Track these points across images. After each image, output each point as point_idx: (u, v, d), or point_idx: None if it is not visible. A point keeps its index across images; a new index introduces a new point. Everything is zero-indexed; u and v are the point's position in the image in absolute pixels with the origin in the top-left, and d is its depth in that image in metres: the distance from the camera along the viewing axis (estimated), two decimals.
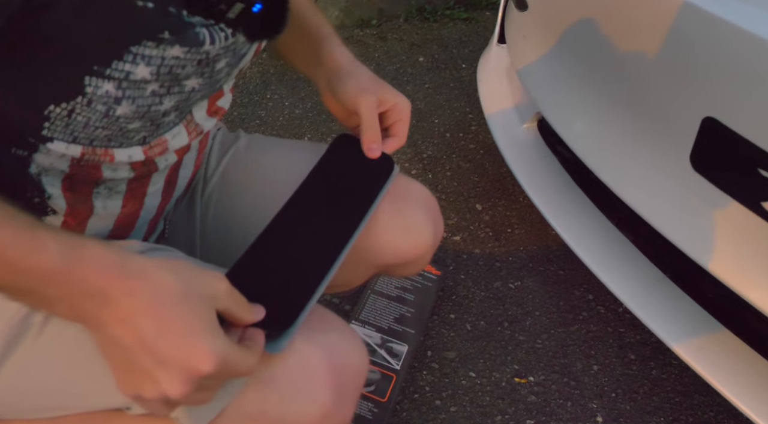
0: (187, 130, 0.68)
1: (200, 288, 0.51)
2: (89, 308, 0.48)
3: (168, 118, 0.62)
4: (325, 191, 0.75)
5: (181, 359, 0.48)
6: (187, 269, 0.52)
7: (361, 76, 0.78)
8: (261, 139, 0.88)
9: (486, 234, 1.48)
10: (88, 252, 0.49)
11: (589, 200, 1.16)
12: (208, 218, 0.83)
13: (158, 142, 0.65)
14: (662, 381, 1.18)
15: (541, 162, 1.26)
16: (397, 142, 0.81)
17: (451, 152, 1.72)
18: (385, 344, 1.16)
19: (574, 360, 1.22)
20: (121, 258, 0.50)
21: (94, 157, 0.61)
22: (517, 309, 1.31)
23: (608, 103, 1.01)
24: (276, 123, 1.81)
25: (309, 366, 0.58)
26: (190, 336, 0.49)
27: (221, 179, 0.84)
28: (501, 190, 1.60)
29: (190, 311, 0.50)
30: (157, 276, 0.50)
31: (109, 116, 0.57)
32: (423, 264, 0.84)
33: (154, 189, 0.71)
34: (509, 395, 1.15)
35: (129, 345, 0.49)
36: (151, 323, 0.48)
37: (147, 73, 0.54)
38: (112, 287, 0.48)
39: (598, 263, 1.09)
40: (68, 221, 0.66)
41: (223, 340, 0.50)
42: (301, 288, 0.62)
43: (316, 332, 0.61)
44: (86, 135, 0.58)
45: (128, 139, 0.61)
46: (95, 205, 0.66)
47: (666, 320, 0.96)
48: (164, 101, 0.59)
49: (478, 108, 1.88)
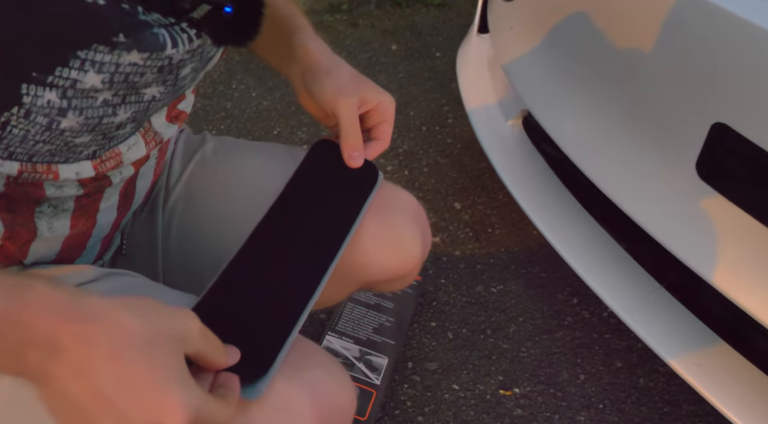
0: (144, 140, 0.60)
1: (167, 330, 0.44)
2: (35, 359, 0.40)
3: (123, 130, 0.54)
4: (303, 206, 0.67)
5: (148, 416, 0.41)
6: (151, 307, 0.44)
7: (339, 74, 0.70)
8: (230, 142, 0.79)
9: (466, 235, 1.42)
10: (33, 292, 0.41)
11: (578, 203, 1.10)
12: (172, 232, 0.75)
13: (111, 156, 0.56)
14: (650, 390, 1.14)
15: (526, 161, 1.20)
16: (381, 147, 0.73)
17: (427, 147, 1.65)
18: (364, 357, 1.09)
19: (560, 369, 1.16)
20: (72, 298, 0.42)
21: (35, 175, 0.52)
22: (500, 315, 1.25)
23: (604, 103, 0.95)
24: (243, 115, 1.72)
25: (291, 409, 0.51)
26: (158, 389, 0.41)
27: (186, 188, 0.75)
28: (480, 187, 1.54)
29: (157, 358, 0.42)
30: (116, 319, 0.42)
31: (51, 129, 0.48)
32: (410, 279, 0.78)
33: (107, 205, 0.63)
34: (494, 408, 1.10)
35: (84, 403, 0.41)
36: (110, 375, 0.41)
37: (98, 81, 0.46)
38: (62, 333, 0.40)
39: (589, 271, 1.04)
40: (6, 245, 0.57)
41: (195, 391, 0.43)
42: (280, 321, 0.55)
43: (298, 368, 0.53)
44: (24, 150, 0.49)
45: (75, 154, 0.53)
46: (39, 227, 0.58)
47: (662, 332, 0.91)
48: (118, 112, 0.50)
49: (454, 100, 1.81)
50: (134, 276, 0.63)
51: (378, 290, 0.81)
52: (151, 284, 0.63)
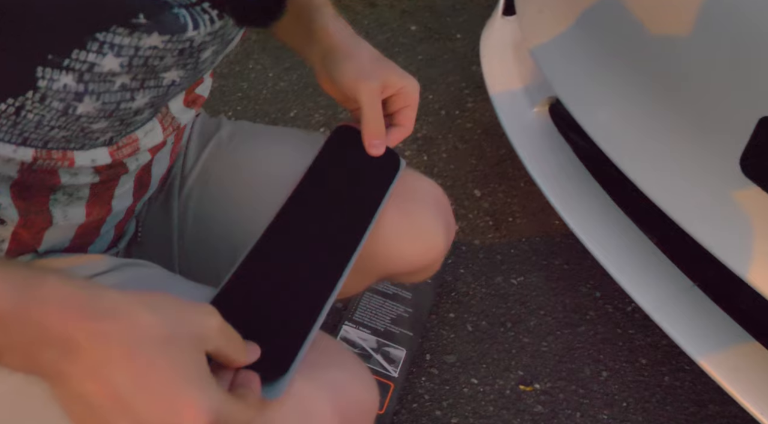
0: (162, 125, 0.57)
1: (187, 327, 0.41)
2: (49, 358, 0.38)
3: (140, 116, 0.51)
4: (323, 195, 0.64)
5: (167, 417, 0.39)
6: (169, 304, 0.42)
7: (361, 56, 0.67)
8: (246, 127, 0.76)
9: (486, 223, 1.38)
10: (47, 288, 0.38)
11: (606, 195, 1.06)
12: (188, 220, 0.72)
13: (128, 142, 0.54)
14: (675, 389, 1.11)
15: (552, 150, 1.16)
16: (403, 133, 0.70)
17: (446, 132, 1.61)
18: (381, 349, 1.06)
19: (582, 365, 1.13)
20: (87, 294, 0.39)
21: (50, 162, 0.49)
22: (521, 308, 1.22)
23: (640, 92, 0.91)
24: (259, 96, 1.68)
25: (311, 412, 0.49)
26: (176, 390, 0.39)
27: (201, 174, 0.72)
28: (500, 174, 1.50)
29: (175, 357, 0.40)
30: (132, 316, 0.40)
31: (67, 115, 0.45)
32: (433, 271, 0.74)
33: (122, 191, 0.60)
34: (514, 404, 1.07)
35: (100, 403, 0.38)
36: (126, 375, 0.38)
37: (116, 64, 0.43)
38: (77, 331, 0.38)
39: (615, 265, 1.00)
40: (20, 232, 0.54)
41: (215, 392, 0.40)
42: (301, 317, 0.52)
43: (319, 368, 0.51)
44: (39, 136, 0.47)
45: (91, 141, 0.50)
46: (54, 215, 0.55)
47: (693, 332, 0.87)
48: (137, 97, 0.47)
49: (474, 83, 1.76)
50: (150, 267, 0.60)
51: (399, 281, 0.78)
52: (167, 275, 0.60)
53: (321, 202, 0.64)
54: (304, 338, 0.50)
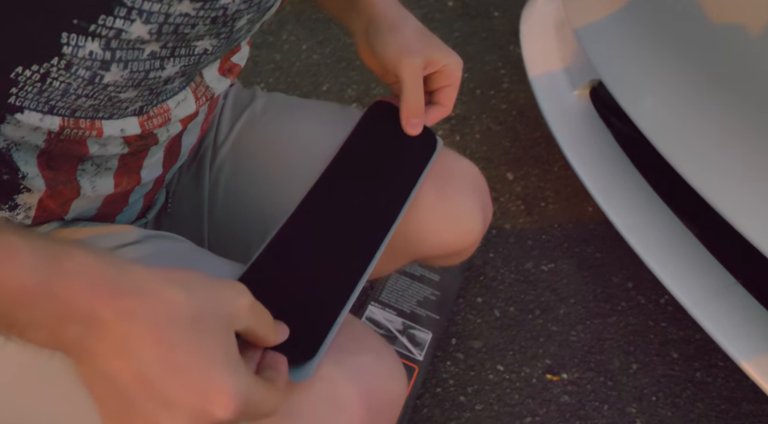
0: (195, 95, 0.55)
1: (217, 306, 0.39)
2: (74, 335, 0.36)
3: (171, 85, 0.49)
4: (357, 173, 0.62)
5: (194, 401, 0.37)
6: (198, 282, 0.40)
7: (405, 30, 0.64)
8: (281, 99, 0.74)
9: (517, 207, 1.35)
10: (73, 262, 0.37)
11: (646, 183, 1.02)
12: (218, 193, 0.70)
13: (158, 112, 0.52)
14: (707, 385, 1.08)
15: (591, 134, 1.12)
16: (442, 113, 0.68)
17: (481, 112, 1.57)
18: (407, 331, 1.05)
19: (611, 356, 1.11)
20: (114, 270, 0.38)
21: (77, 131, 0.48)
22: (551, 295, 1.19)
23: (690, 78, 0.86)
24: (292, 69, 1.66)
25: (338, 398, 0.47)
26: (205, 372, 0.37)
27: (234, 147, 0.71)
28: (534, 157, 1.46)
29: (204, 337, 0.38)
30: (160, 293, 0.38)
31: (94, 84, 0.43)
32: (467, 255, 0.72)
33: (152, 161, 0.58)
34: (540, 394, 1.05)
35: (125, 383, 0.37)
36: (154, 354, 0.37)
37: (145, 32, 0.41)
38: (103, 308, 0.36)
39: (653, 256, 0.97)
40: (46, 202, 0.53)
41: (245, 375, 0.39)
42: (331, 298, 0.50)
43: (347, 353, 0.49)
44: (66, 105, 0.45)
45: (120, 110, 0.48)
46: (82, 186, 0.54)
47: (736, 332, 0.84)
48: (166, 66, 0.45)
49: (511, 63, 1.72)
50: (178, 240, 0.59)
51: (432, 264, 0.76)
52: (196, 249, 0.59)
53: (354, 180, 0.62)
54: (333, 320, 0.49)
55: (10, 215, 0.52)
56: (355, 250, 0.55)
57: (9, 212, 0.52)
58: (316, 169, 0.62)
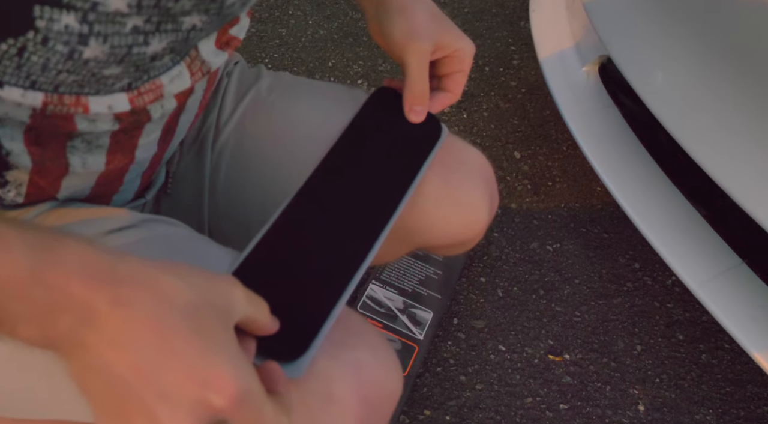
0: (189, 70, 0.53)
1: (213, 297, 0.38)
2: (67, 327, 0.35)
3: (159, 62, 0.47)
4: (357, 160, 0.61)
5: (193, 390, 0.35)
6: (192, 272, 0.39)
7: (416, 12, 0.62)
8: (287, 79, 0.72)
9: (524, 187, 1.33)
10: (66, 251, 0.35)
11: (654, 162, 1.00)
12: (220, 175, 0.69)
13: (150, 88, 0.50)
14: (712, 367, 1.07)
15: (599, 112, 1.10)
16: (449, 99, 0.65)
17: (489, 89, 1.55)
18: (408, 310, 1.04)
19: (615, 338, 1.09)
20: (108, 258, 0.36)
21: (62, 107, 0.46)
22: (555, 275, 1.18)
23: (701, 55, 0.84)
24: (298, 44, 1.64)
25: (332, 395, 0.46)
26: (204, 360, 0.36)
27: (237, 128, 0.69)
28: (543, 136, 1.44)
29: (202, 326, 0.37)
30: (156, 281, 0.37)
31: (74, 59, 0.42)
32: (470, 246, 0.71)
33: (147, 140, 0.57)
34: (542, 374, 1.04)
35: (121, 375, 0.35)
36: (152, 343, 0.35)
37: (122, 4, 0.39)
38: (99, 296, 0.35)
39: (659, 236, 0.95)
40: (36, 179, 0.52)
41: (246, 366, 0.37)
42: (326, 289, 0.49)
43: (343, 347, 0.48)
44: (48, 80, 0.43)
45: (106, 86, 0.46)
46: (71, 163, 0.52)
47: (741, 314, 0.83)
48: (151, 41, 0.44)
49: (521, 40, 1.69)
50: (174, 225, 0.57)
51: (436, 253, 0.75)
52: (192, 235, 0.57)
53: (355, 168, 0.60)
54: (327, 315, 0.47)
55: (1, 192, 0.51)
56: (354, 240, 0.54)
57: None
58: (322, 153, 0.61)
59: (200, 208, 0.69)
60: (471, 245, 0.70)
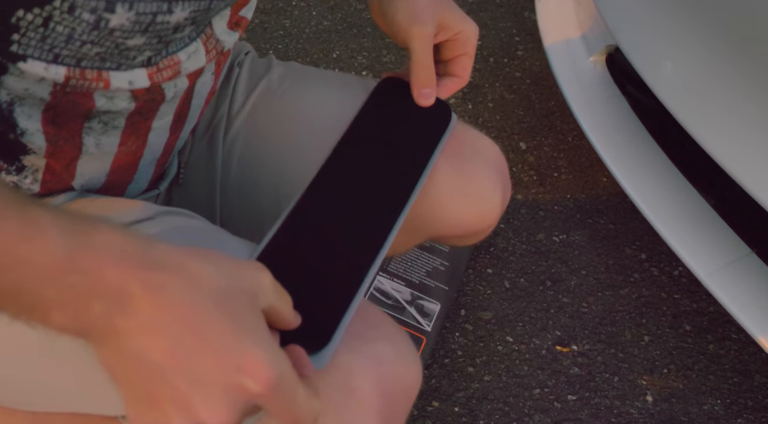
0: (205, 47, 0.53)
1: (242, 283, 0.38)
2: (100, 312, 0.35)
3: (181, 33, 0.47)
4: (367, 149, 0.60)
5: (227, 375, 0.35)
6: (221, 258, 0.39)
7: None
8: (298, 69, 0.71)
9: (530, 178, 1.33)
10: (100, 235, 0.35)
11: (662, 153, 1.00)
12: (232, 166, 0.69)
13: (169, 64, 0.50)
14: (720, 358, 1.07)
15: (607, 102, 1.09)
16: (457, 84, 0.65)
17: (494, 80, 1.54)
18: (415, 302, 1.04)
19: (622, 329, 1.09)
20: (141, 245, 0.36)
21: (84, 82, 0.46)
22: (562, 267, 1.17)
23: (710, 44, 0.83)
24: (301, 35, 1.63)
25: (353, 388, 0.45)
26: (238, 344, 0.36)
27: (249, 118, 0.68)
28: (548, 127, 1.43)
29: (234, 311, 0.37)
30: (188, 267, 0.37)
31: (100, 29, 0.42)
32: (483, 236, 0.70)
33: (160, 123, 0.57)
34: (550, 365, 1.04)
35: (154, 361, 0.35)
36: (185, 328, 0.35)
37: None
38: (132, 282, 0.35)
39: (667, 226, 0.95)
40: (52, 164, 0.52)
41: (279, 351, 0.37)
42: (346, 280, 0.49)
43: (363, 340, 0.47)
44: (71, 53, 0.43)
45: (128, 60, 0.46)
46: (85, 143, 0.52)
47: (750, 303, 0.83)
48: (174, 9, 0.43)
49: (525, 30, 1.68)
50: (190, 217, 0.57)
51: (448, 243, 0.74)
52: (209, 227, 0.57)
53: (366, 158, 0.59)
54: (347, 305, 0.47)
55: (18, 179, 0.51)
56: (369, 230, 0.53)
57: (16, 174, 0.51)
58: (334, 143, 0.60)
59: (212, 199, 0.69)
60: (483, 235, 0.70)
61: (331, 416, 0.44)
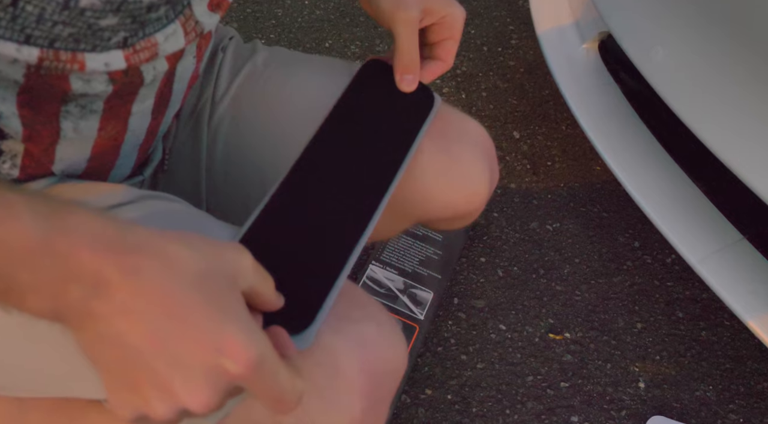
0: (184, 29, 0.52)
1: (221, 265, 0.38)
2: (77, 297, 0.35)
3: (155, 14, 0.46)
4: (350, 133, 0.60)
5: (206, 358, 0.35)
6: (200, 241, 0.38)
7: None
8: (282, 53, 0.71)
9: (523, 166, 1.32)
10: (75, 219, 0.35)
11: (655, 140, 1.00)
12: (217, 150, 0.68)
13: (146, 46, 0.49)
14: (712, 344, 1.07)
15: (600, 90, 1.09)
16: (441, 68, 0.65)
17: (487, 69, 1.54)
18: (408, 290, 1.04)
19: (615, 316, 1.09)
20: (118, 228, 0.36)
21: (58, 64, 0.45)
22: (555, 255, 1.17)
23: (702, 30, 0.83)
24: (294, 25, 1.62)
25: (338, 368, 0.45)
26: (217, 326, 0.36)
27: (233, 102, 0.68)
28: (542, 116, 1.43)
29: (213, 293, 0.36)
30: (165, 250, 0.36)
31: (70, 8, 0.41)
32: (470, 220, 0.70)
33: (141, 108, 0.56)
34: (542, 352, 1.04)
35: (133, 344, 0.35)
36: (162, 311, 0.35)
37: None
38: (108, 265, 0.35)
39: (660, 213, 0.95)
40: (30, 148, 0.51)
41: (258, 332, 0.37)
42: (329, 261, 0.49)
43: (347, 321, 0.47)
44: (43, 33, 0.43)
45: (103, 41, 0.46)
46: (63, 127, 0.51)
47: (741, 290, 0.83)
48: None
49: (519, 19, 1.67)
50: (173, 201, 0.57)
51: (435, 228, 0.74)
52: (193, 211, 0.57)
53: (349, 141, 0.60)
54: (331, 286, 0.47)
55: None
56: (353, 212, 0.53)
57: None
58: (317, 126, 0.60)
59: (198, 184, 0.69)
60: (471, 219, 0.70)
61: (315, 397, 0.44)
